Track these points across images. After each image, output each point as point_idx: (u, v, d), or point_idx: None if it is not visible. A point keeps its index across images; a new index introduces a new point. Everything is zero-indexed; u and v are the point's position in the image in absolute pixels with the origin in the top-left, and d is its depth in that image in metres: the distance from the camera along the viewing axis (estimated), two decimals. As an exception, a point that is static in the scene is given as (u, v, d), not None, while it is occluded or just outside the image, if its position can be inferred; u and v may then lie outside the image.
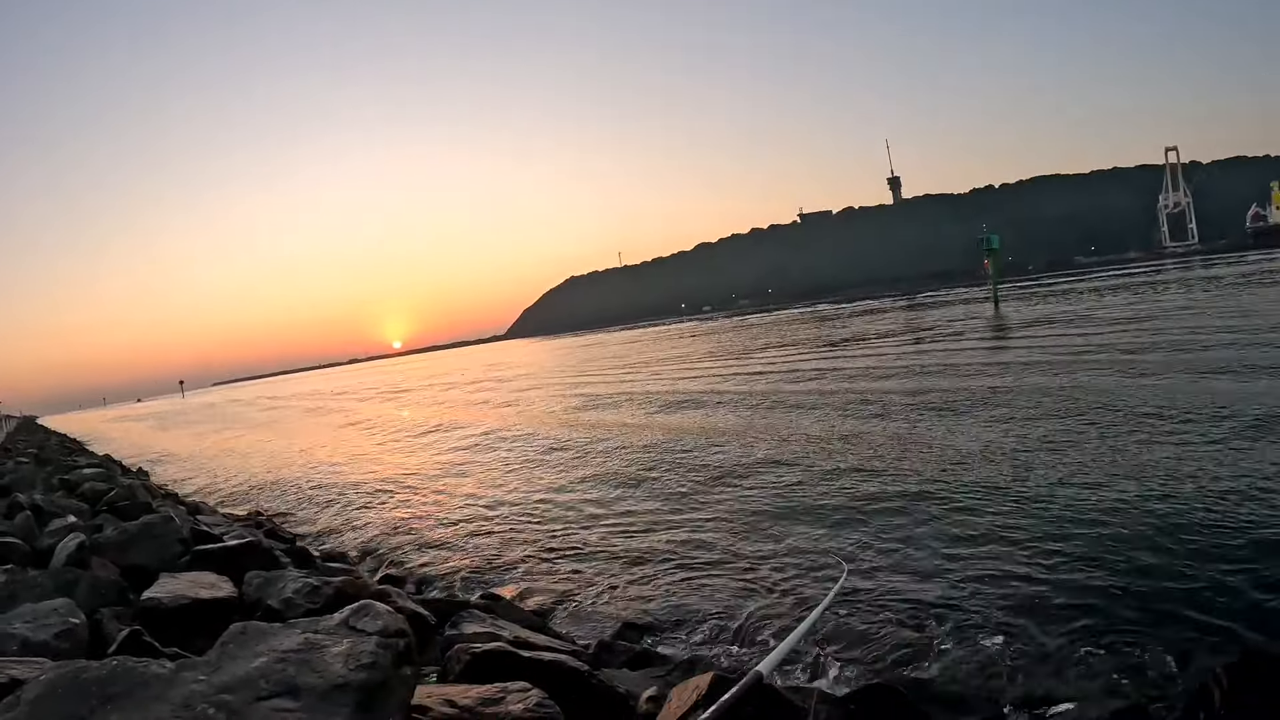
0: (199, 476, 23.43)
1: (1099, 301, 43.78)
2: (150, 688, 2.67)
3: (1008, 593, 6.41)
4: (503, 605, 6.90)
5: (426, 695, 3.52)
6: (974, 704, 4.90)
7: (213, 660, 2.87)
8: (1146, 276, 68.27)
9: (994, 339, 31.15)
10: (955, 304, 66.04)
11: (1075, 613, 5.87)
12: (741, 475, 12.09)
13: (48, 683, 2.69)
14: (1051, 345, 24.62)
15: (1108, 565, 6.64)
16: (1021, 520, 8.12)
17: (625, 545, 9.35)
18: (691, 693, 4.01)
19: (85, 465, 20.74)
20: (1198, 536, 6.98)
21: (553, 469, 15.34)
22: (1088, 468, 9.75)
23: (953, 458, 11.23)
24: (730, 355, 41.74)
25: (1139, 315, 30.42)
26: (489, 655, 4.29)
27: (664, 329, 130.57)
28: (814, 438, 14.36)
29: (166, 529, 7.49)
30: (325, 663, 2.81)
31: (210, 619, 5.02)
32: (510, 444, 19.82)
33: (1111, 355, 19.76)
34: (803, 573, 7.56)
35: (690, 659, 5.98)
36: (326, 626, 3.06)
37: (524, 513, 11.79)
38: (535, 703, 3.62)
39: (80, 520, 9.10)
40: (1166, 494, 8.26)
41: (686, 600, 7.34)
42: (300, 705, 2.63)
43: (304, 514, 14.69)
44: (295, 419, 45.46)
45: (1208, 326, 23.31)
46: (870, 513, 9.20)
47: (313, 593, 5.54)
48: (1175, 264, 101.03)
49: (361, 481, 17.24)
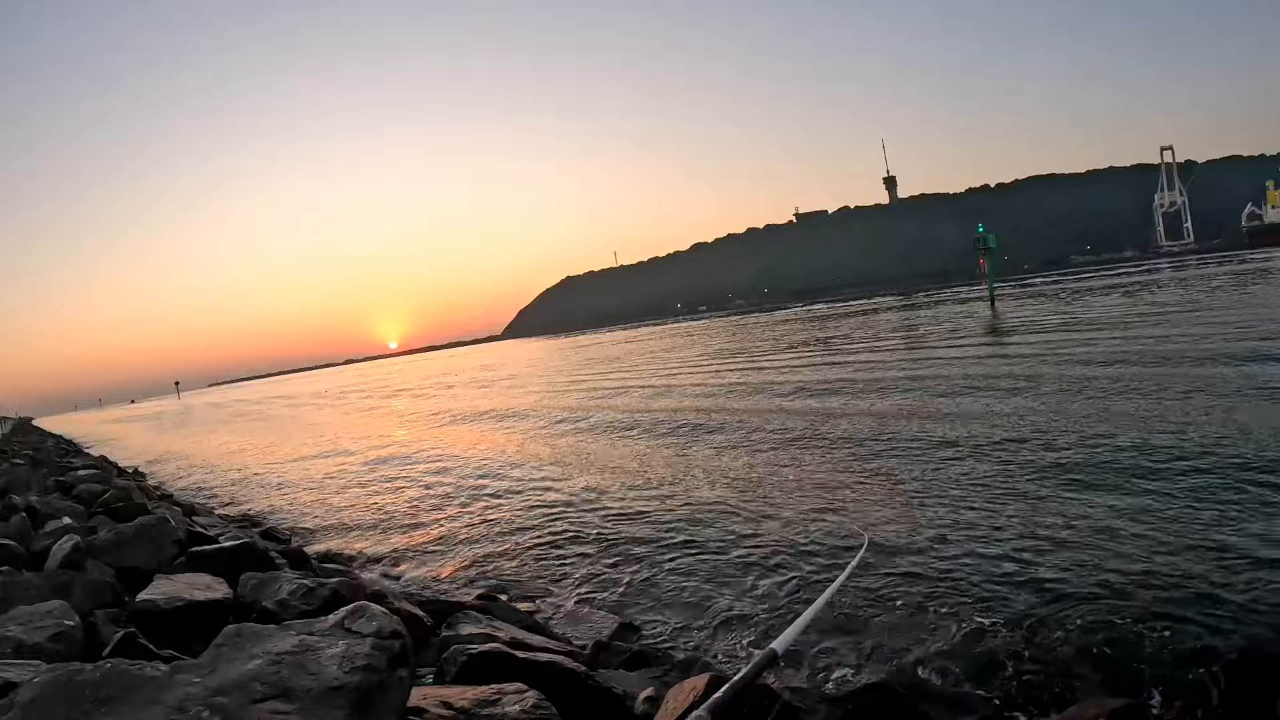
0: (194, 478, 23.37)
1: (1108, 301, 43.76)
2: (144, 690, 2.66)
3: (1008, 591, 6.40)
4: (499, 606, 6.88)
5: (423, 697, 3.51)
6: (972, 703, 4.88)
7: (207, 662, 2.86)
8: (1145, 276, 68.38)
9: (993, 340, 31.18)
10: (951, 303, 66.10)
11: (1075, 611, 5.86)
12: (747, 478, 12.06)
13: (41, 685, 2.67)
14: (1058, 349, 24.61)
15: (1110, 566, 6.63)
16: (1020, 518, 8.13)
17: (623, 547, 9.32)
18: (689, 693, 4.00)
19: (81, 467, 20.69)
20: (1199, 537, 6.97)
21: (548, 470, 15.30)
22: (1096, 469, 9.75)
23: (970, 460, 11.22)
24: (727, 357, 41.71)
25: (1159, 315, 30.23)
26: (485, 656, 4.27)
27: (661, 329, 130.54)
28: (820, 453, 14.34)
29: (162, 530, 7.46)
30: (320, 665, 2.80)
31: (205, 621, 5.01)
32: (506, 446, 19.78)
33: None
34: (804, 578, 7.53)
35: (687, 659, 5.95)
36: (321, 628, 3.05)
37: (520, 514, 11.75)
38: (532, 704, 3.61)
39: (75, 522, 9.07)
40: (1173, 496, 8.25)
41: (683, 601, 7.32)
42: (295, 708, 2.62)
43: (299, 515, 14.64)
44: (307, 417, 45.36)
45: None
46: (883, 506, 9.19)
47: (308, 594, 5.52)
48: (1171, 263, 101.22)
49: (357, 483, 17.20)
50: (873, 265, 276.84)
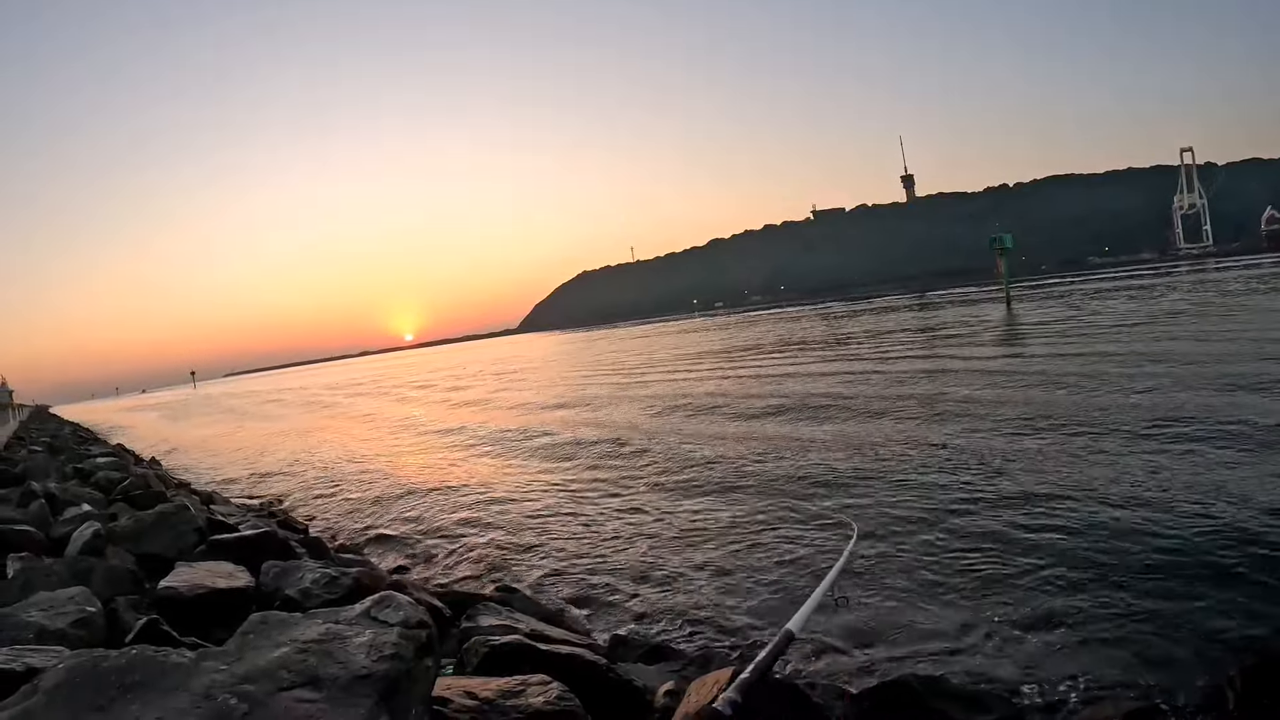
0: (210, 466, 23.49)
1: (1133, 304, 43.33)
2: (170, 677, 2.64)
3: (1025, 592, 6.35)
4: (518, 598, 6.86)
5: (446, 687, 3.50)
6: (990, 702, 4.84)
7: (233, 650, 2.84)
8: (1166, 279, 67.81)
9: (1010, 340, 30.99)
10: (966, 303, 65.78)
11: (1091, 613, 5.81)
12: (758, 476, 12.02)
13: (67, 671, 2.66)
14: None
15: (1127, 566, 6.57)
16: (1037, 520, 8.06)
17: (640, 540, 9.31)
18: (711, 687, 3.96)
19: (99, 454, 20.78)
20: (1219, 539, 6.89)
21: (561, 463, 15.30)
22: (1108, 472, 9.67)
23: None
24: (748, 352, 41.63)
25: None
26: (507, 648, 4.26)
27: (677, 324, 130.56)
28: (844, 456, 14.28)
29: (182, 518, 7.48)
30: (348, 653, 2.78)
31: (227, 609, 5.02)
32: (521, 437, 19.77)
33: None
34: (817, 567, 7.49)
35: (705, 654, 5.93)
36: (348, 617, 3.03)
37: (537, 506, 11.74)
38: (556, 695, 3.59)
39: (95, 509, 9.12)
40: (1183, 500, 8.15)
41: (701, 594, 7.28)
42: (322, 696, 2.60)
43: (313, 504, 14.69)
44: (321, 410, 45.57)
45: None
46: (887, 505, 9.13)
47: (331, 583, 5.51)
48: (1190, 266, 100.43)
49: (371, 473, 17.25)
50: (889, 264, 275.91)
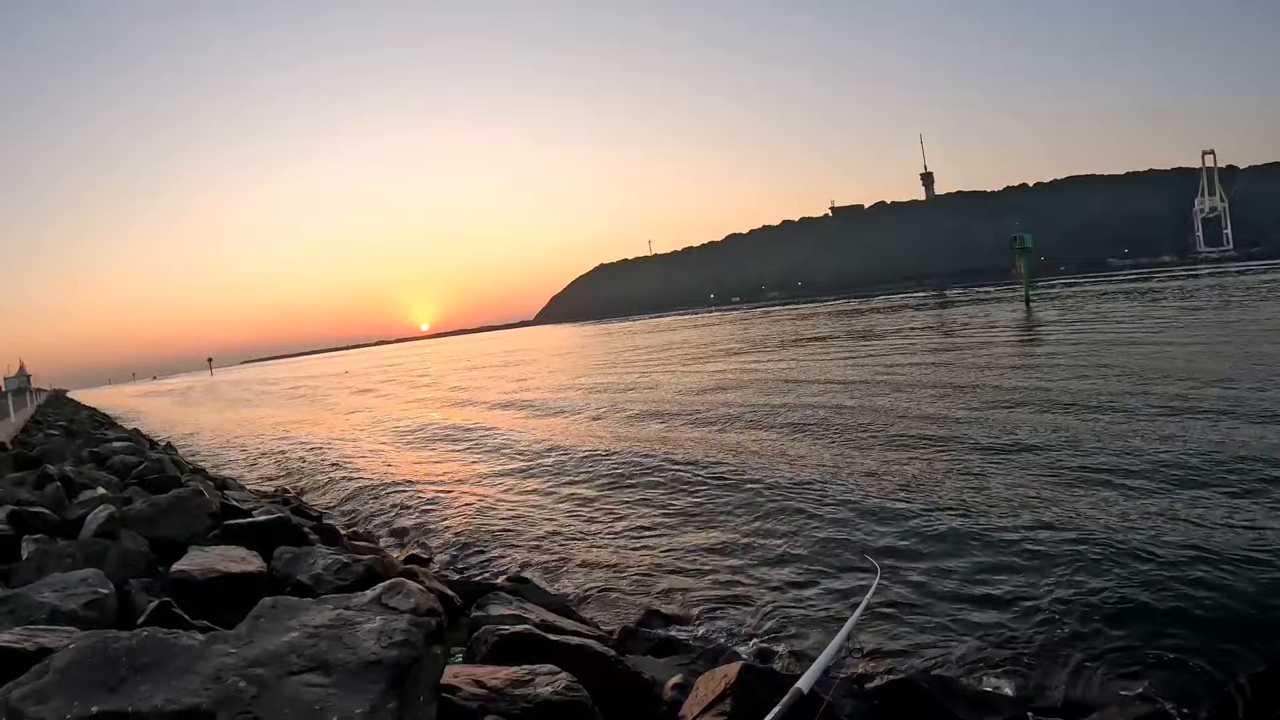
0: (225, 451, 23.64)
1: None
2: (180, 659, 2.65)
3: (1034, 598, 6.30)
4: (529, 588, 6.88)
5: (454, 675, 3.49)
6: (998, 704, 4.83)
7: (244, 634, 2.85)
8: (1191, 282, 67.18)
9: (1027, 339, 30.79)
10: (985, 302, 65.43)
11: (1102, 619, 5.77)
12: (772, 476, 11.98)
13: (77, 651, 2.67)
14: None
15: (1136, 575, 6.49)
16: (1048, 530, 7.98)
17: (650, 534, 9.30)
18: (719, 681, 3.95)
19: (115, 439, 20.90)
20: (1230, 549, 6.80)
21: (574, 457, 15.26)
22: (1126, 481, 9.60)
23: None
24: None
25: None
26: (517, 638, 4.26)
27: (694, 318, 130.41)
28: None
29: (196, 503, 7.51)
30: (358, 639, 2.78)
31: (240, 593, 5.02)
32: (535, 430, 19.80)
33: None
34: (830, 569, 7.47)
35: (714, 648, 5.91)
36: (359, 603, 3.04)
37: (549, 498, 11.76)
38: (564, 685, 3.58)
39: (110, 492, 9.17)
40: (1193, 512, 8.04)
41: (710, 589, 7.26)
42: (331, 681, 2.60)
43: (328, 491, 14.75)
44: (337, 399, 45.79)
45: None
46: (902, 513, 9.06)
47: (343, 570, 5.52)
48: (1211, 270, 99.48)
49: (384, 462, 17.30)
50: (908, 261, 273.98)
